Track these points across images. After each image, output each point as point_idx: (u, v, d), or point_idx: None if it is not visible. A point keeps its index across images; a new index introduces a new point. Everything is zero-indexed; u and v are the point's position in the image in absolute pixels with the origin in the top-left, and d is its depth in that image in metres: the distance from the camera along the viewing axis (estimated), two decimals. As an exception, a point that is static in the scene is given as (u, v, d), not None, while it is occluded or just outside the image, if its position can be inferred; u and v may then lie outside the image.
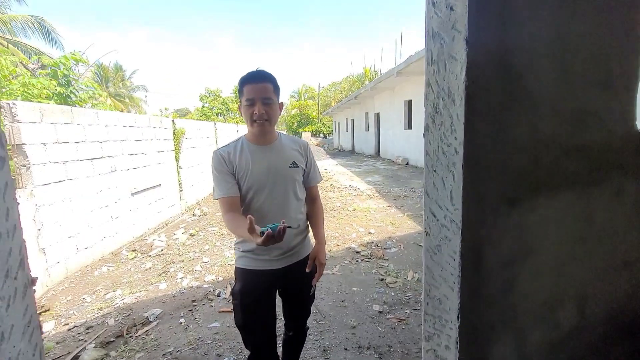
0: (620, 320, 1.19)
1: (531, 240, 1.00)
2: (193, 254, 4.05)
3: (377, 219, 5.13)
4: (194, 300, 2.86)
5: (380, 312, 2.49)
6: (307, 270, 1.44)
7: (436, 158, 0.95)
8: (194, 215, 6.04)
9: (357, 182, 8.59)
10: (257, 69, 1.36)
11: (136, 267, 3.77)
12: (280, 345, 1.58)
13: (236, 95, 15.77)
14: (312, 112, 34.97)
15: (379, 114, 15.70)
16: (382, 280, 3.03)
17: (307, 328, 1.64)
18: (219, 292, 2.98)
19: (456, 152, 0.88)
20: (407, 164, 11.76)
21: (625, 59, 0.95)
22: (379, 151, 16.09)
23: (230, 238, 4.42)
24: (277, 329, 1.48)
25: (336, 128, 28.73)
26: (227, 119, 24.72)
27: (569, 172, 1.00)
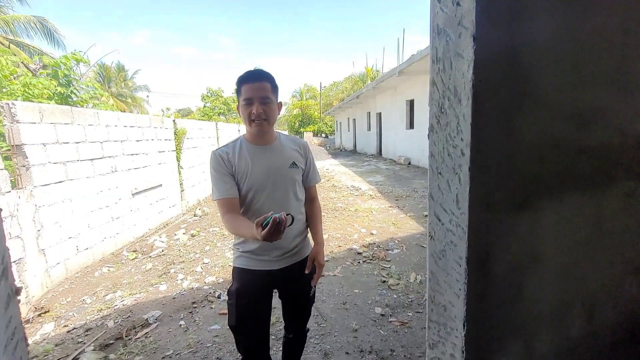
0: (630, 326, 1.15)
1: (539, 244, 0.96)
2: (194, 254, 4.03)
3: (379, 219, 5.09)
4: (194, 302, 2.84)
5: (383, 315, 2.46)
6: (307, 272, 1.43)
7: (441, 160, 0.92)
8: (195, 215, 6.02)
9: (359, 182, 8.56)
10: (255, 68, 1.34)
11: (136, 268, 3.75)
12: (279, 348, 1.55)
13: (238, 95, 15.72)
14: (314, 112, 34.94)
15: (380, 113, 15.65)
16: (384, 282, 3.00)
17: (307, 330, 1.61)
18: (219, 294, 2.96)
19: (462, 153, 0.84)
20: (409, 164, 11.71)
21: (640, 56, 0.91)
22: (380, 151, 16.05)
23: (231, 239, 4.40)
24: (279, 331, 1.46)
25: (338, 128, 28.69)
26: (228, 118, 24.75)
27: (578, 174, 0.97)
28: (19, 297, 0.58)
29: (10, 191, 2.86)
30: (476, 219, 0.86)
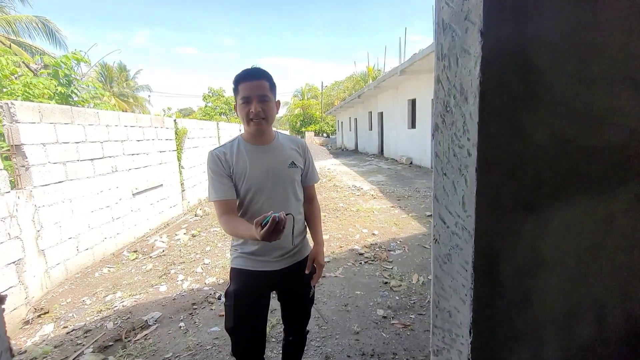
0: (641, 332, 1.11)
1: (548, 248, 0.93)
2: (194, 255, 4.01)
3: (380, 219, 5.05)
4: (194, 304, 2.81)
5: (385, 317, 2.42)
6: (307, 272, 1.41)
7: (446, 160, 0.89)
8: (196, 215, 6.00)
9: (361, 182, 8.52)
10: (253, 66, 1.31)
11: (137, 269, 3.73)
12: (280, 351, 1.52)
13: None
14: (315, 112, 34.88)
15: (382, 113, 15.60)
16: (386, 283, 2.96)
17: (307, 332, 1.59)
18: (220, 295, 2.93)
19: (469, 154, 0.81)
20: (411, 163, 11.67)
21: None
22: (382, 150, 16.00)
23: (231, 239, 4.37)
24: (279, 333, 1.44)
25: (339, 127, 28.64)
26: (230, 118, 24.76)
27: (588, 175, 0.93)
28: (3, 306, 0.56)
29: (9, 191, 2.84)
30: (483, 222, 0.83)
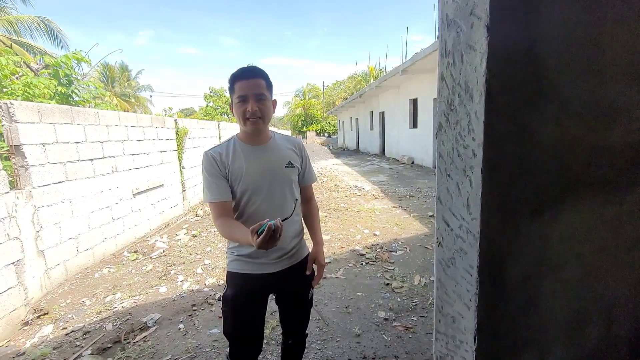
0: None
1: (555, 251, 0.90)
2: (194, 255, 3.98)
3: (382, 220, 5.02)
4: (193, 305, 2.79)
5: (386, 320, 2.39)
6: (308, 273, 1.39)
7: (450, 161, 0.86)
8: (196, 215, 5.98)
9: (362, 182, 8.48)
10: (249, 64, 1.28)
11: (137, 269, 3.71)
12: (279, 354, 1.50)
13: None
14: (317, 111, 34.84)
15: (383, 112, 15.55)
16: (387, 284, 2.93)
17: (307, 335, 1.56)
18: (220, 296, 2.91)
19: (474, 154, 0.78)
20: (413, 163, 11.62)
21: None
22: (383, 150, 15.95)
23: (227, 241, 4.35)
24: (279, 335, 1.42)
25: (341, 127, 28.59)
26: (231, 118, 24.74)
27: (597, 176, 0.90)
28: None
29: (8, 192, 2.82)
30: (488, 224, 0.80)
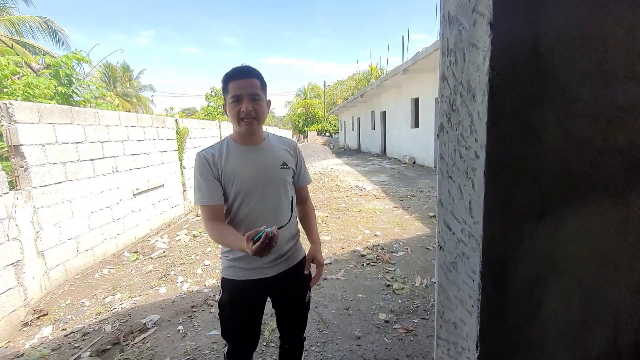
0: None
1: (560, 256, 0.87)
2: (195, 256, 3.97)
3: (383, 220, 4.99)
4: (193, 306, 2.77)
5: (387, 322, 2.37)
6: (306, 272, 1.36)
7: (452, 163, 0.83)
8: (197, 215, 5.97)
9: (363, 182, 8.45)
10: (243, 64, 1.26)
11: (137, 270, 3.70)
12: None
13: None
14: (318, 111, 34.80)
15: (385, 112, 15.51)
16: (388, 286, 2.91)
17: (304, 339, 1.54)
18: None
19: (477, 156, 0.75)
20: (414, 163, 11.58)
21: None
22: (385, 150, 15.92)
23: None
24: (278, 338, 1.41)
25: (342, 127, 28.55)
26: (232, 118, 24.68)
27: (604, 178, 0.87)
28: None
29: (8, 192, 2.82)
30: (491, 228, 0.77)
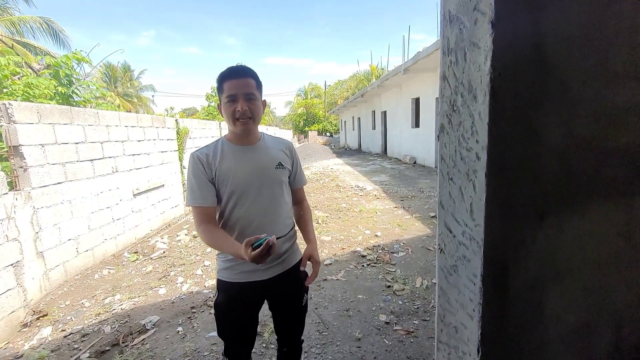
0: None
1: (564, 259, 0.86)
2: (194, 256, 3.96)
3: (383, 220, 4.98)
4: (193, 307, 2.76)
5: (387, 323, 2.35)
6: (302, 269, 1.35)
7: (453, 164, 0.82)
8: (197, 216, 5.96)
9: (364, 182, 8.43)
10: (238, 64, 1.25)
11: (137, 270, 3.69)
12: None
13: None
14: (319, 111, 34.78)
15: (385, 112, 15.49)
16: (389, 287, 2.89)
17: (302, 341, 1.53)
18: (219, 298, 2.88)
19: (478, 157, 0.74)
20: (415, 163, 11.56)
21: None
22: (385, 150, 15.89)
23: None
24: (276, 341, 1.41)
25: (342, 127, 28.53)
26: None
27: (608, 179, 0.86)
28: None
29: (7, 193, 2.81)
30: (493, 231, 0.76)
